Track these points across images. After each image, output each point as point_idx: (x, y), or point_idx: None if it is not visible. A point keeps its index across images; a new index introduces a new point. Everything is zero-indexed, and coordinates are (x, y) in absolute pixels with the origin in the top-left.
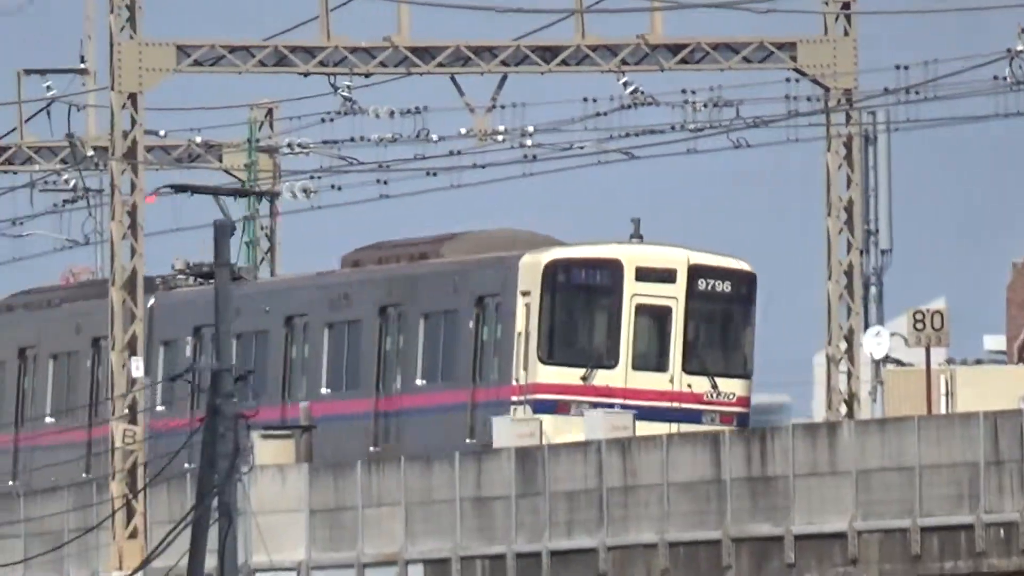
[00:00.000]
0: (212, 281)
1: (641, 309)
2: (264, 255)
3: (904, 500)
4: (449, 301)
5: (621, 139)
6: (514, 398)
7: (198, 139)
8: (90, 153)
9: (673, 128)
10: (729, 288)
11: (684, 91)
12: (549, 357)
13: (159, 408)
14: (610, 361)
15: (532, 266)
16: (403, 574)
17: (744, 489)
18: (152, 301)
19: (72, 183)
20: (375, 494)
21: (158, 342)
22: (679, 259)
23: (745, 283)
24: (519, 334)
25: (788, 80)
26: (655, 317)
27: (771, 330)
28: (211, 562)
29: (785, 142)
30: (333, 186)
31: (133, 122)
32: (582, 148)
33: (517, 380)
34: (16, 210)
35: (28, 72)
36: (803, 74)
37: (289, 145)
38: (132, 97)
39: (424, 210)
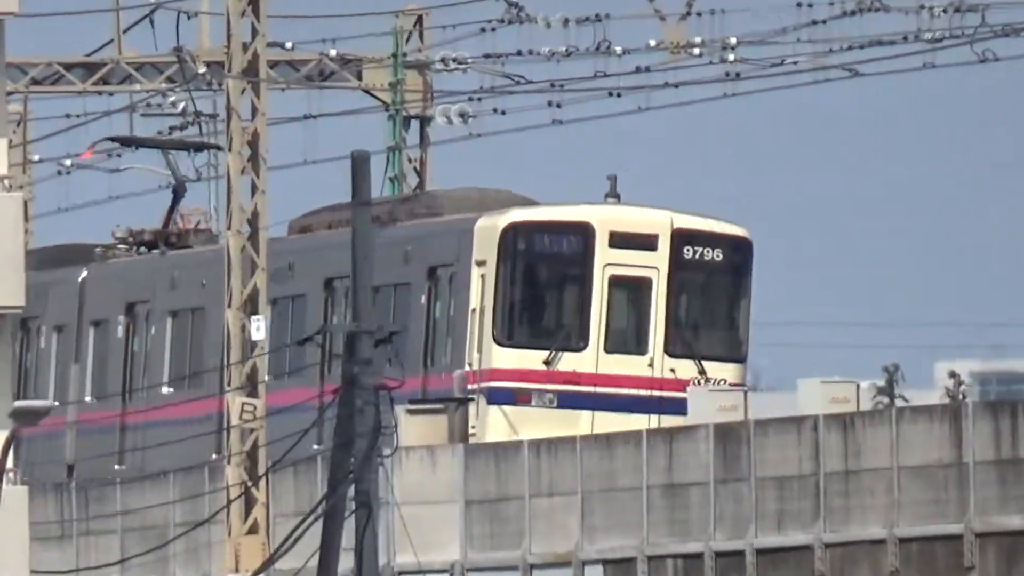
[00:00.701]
0: (155, 251)
1: (616, 281)
2: (413, 192)
3: None
4: (400, 273)
5: (843, 52)
6: (468, 386)
7: (332, 53)
8: (202, 70)
9: (905, 39)
10: (720, 256)
11: None
12: (506, 338)
13: (279, 378)
14: (578, 342)
15: (488, 231)
16: None
17: (991, 474)
18: (84, 274)
19: (180, 106)
20: (545, 481)
21: (88, 321)
22: (661, 222)
23: (740, 250)
24: (473, 311)
25: None
26: (632, 290)
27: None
28: (346, 563)
29: None
30: (495, 110)
31: (254, 32)
32: (795, 64)
33: (470, 365)
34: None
35: None
36: None
37: (443, 60)
38: (253, 2)
39: (604, 138)
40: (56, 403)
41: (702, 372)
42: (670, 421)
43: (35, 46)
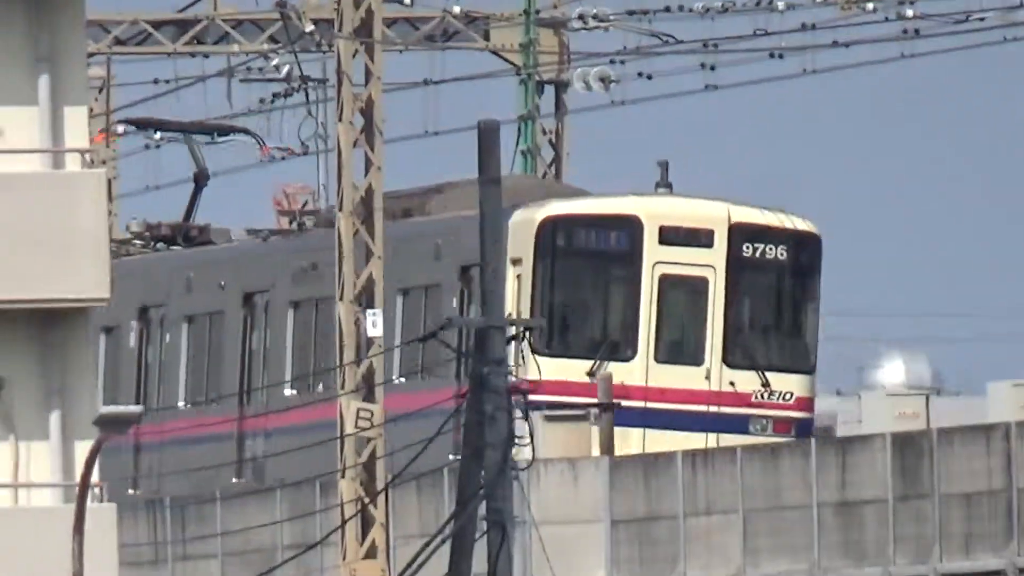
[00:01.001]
0: (175, 247)
1: (667, 281)
2: (547, 168)
3: None
4: (430, 273)
5: None
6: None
7: (456, 9)
8: (309, 29)
9: None
10: (785, 254)
11: None
12: (545, 346)
13: (398, 381)
14: (626, 351)
15: (523, 226)
16: None
17: None
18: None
19: (284, 70)
20: (701, 498)
21: (97, 328)
22: (717, 215)
23: (807, 248)
24: (509, 315)
25: None
26: (686, 292)
27: None
28: None
29: None
30: (641, 74)
31: None
32: (982, 20)
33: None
34: (207, 108)
35: None
36: None
37: (581, 17)
38: None
39: (765, 104)
40: (145, 409)
41: (765, 385)
42: (729, 440)
43: (120, 1)
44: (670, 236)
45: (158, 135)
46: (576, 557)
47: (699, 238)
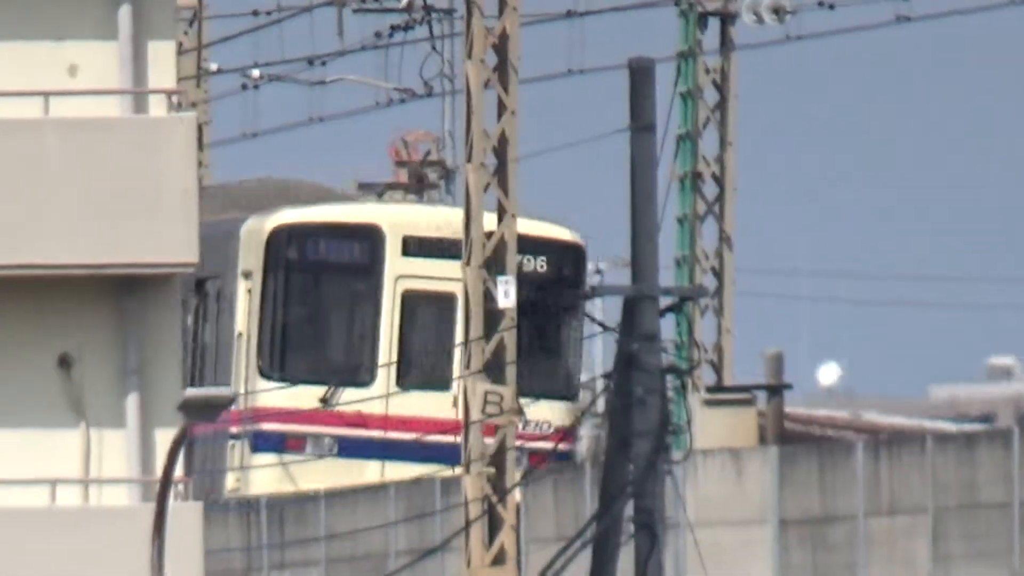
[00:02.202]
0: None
1: (411, 297)
2: (711, 112)
3: None
4: None
5: None
6: (233, 430)
7: None
8: None
9: None
10: (545, 267)
11: None
12: (274, 370)
13: None
14: (364, 376)
15: (254, 235)
16: None
17: None
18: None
19: (403, 0)
20: (884, 495)
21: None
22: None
23: (569, 260)
24: (239, 335)
25: None
26: (433, 309)
27: None
28: None
29: None
30: (822, 3)
31: None
32: None
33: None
34: (315, 44)
35: None
36: None
37: None
38: None
39: (962, 41)
40: (238, 392)
41: (519, 412)
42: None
43: None
44: (415, 247)
45: (256, 73)
46: (739, 564)
47: (447, 249)
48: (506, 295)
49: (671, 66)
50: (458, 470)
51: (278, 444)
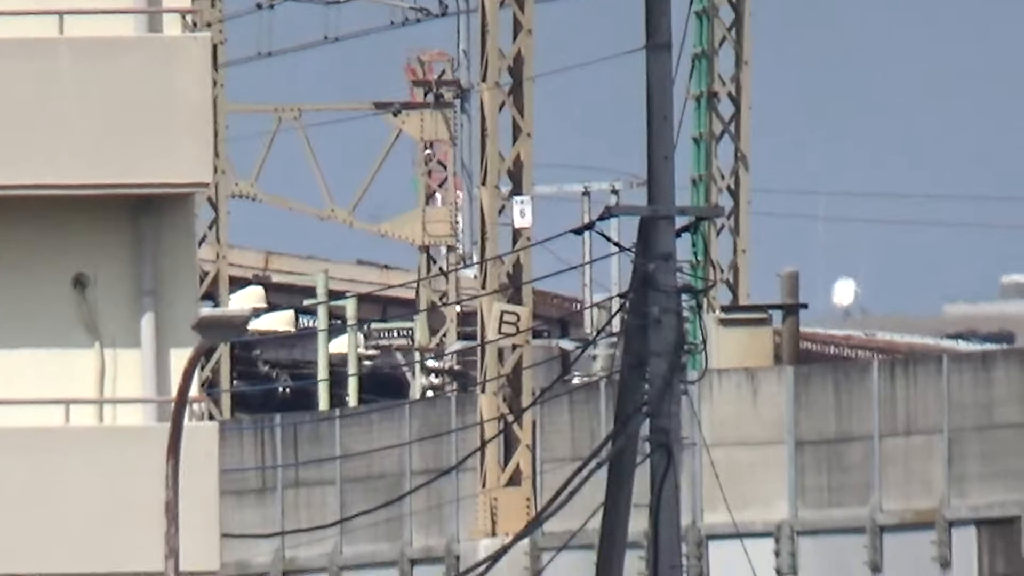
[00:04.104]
0: None
1: None
2: (727, 31)
3: None
4: None
5: None
6: None
7: None
8: None
9: None
10: None
11: None
12: None
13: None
14: None
15: None
16: (946, 541)
17: None
18: None
19: None
20: (900, 415)
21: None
22: None
23: None
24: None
25: None
26: None
27: None
28: (638, 523)
29: None
30: None
31: None
32: None
33: None
34: None
35: None
36: None
37: None
38: None
39: None
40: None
41: None
42: None
43: None
44: None
45: None
46: (754, 484)
47: None
48: (523, 215)
49: None
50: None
51: None
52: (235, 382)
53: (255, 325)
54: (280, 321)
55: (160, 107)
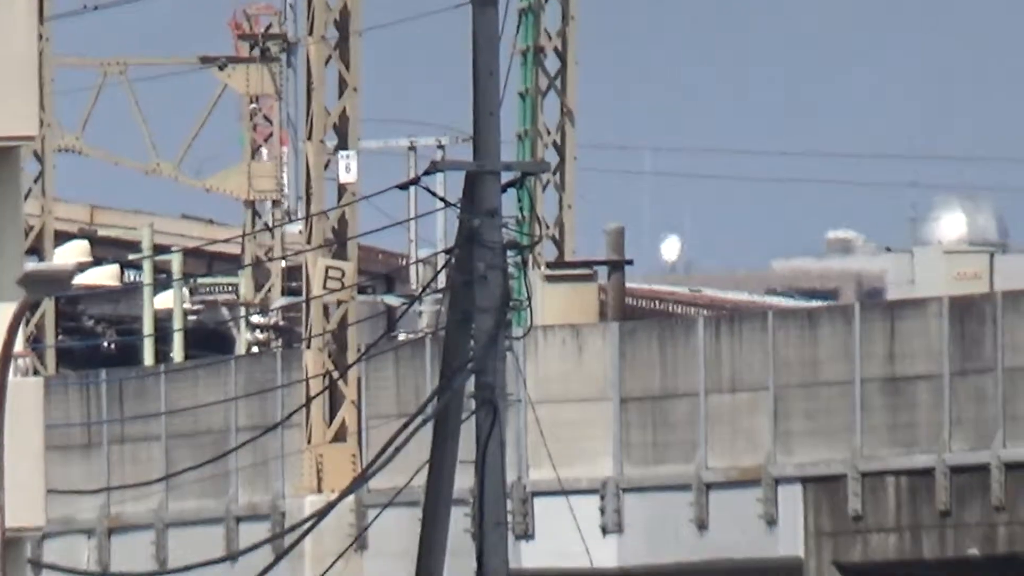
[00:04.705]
0: None
1: None
2: None
3: None
4: None
5: None
6: None
7: None
8: None
9: None
10: None
11: None
12: None
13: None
14: None
15: None
16: (772, 498)
17: None
18: None
19: None
20: (726, 372)
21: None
22: None
23: None
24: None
25: None
26: None
27: None
28: (463, 480)
29: None
30: None
31: None
32: None
33: None
34: None
35: None
36: None
37: None
38: None
39: None
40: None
41: None
42: None
43: None
44: None
45: None
46: (579, 441)
47: None
48: (348, 170)
49: None
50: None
51: None
52: (60, 337)
53: (80, 280)
54: (105, 275)
55: None
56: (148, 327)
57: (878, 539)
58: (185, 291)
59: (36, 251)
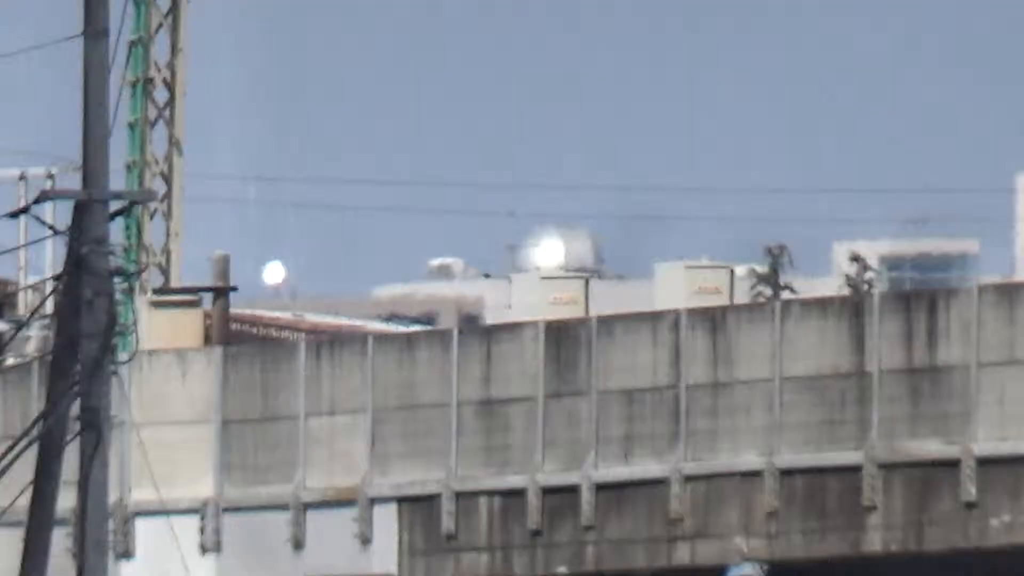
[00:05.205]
0: None
1: None
2: (163, 18)
3: None
4: None
5: None
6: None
7: None
8: None
9: None
10: None
11: None
12: None
13: None
14: None
15: None
16: (367, 518)
17: (901, 386)
18: None
19: None
20: (325, 395)
21: None
22: None
23: None
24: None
25: None
26: None
27: (957, 141)
28: (67, 500)
29: None
30: None
31: None
32: None
33: None
34: None
35: None
36: None
37: None
38: None
39: None
40: None
41: None
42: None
43: None
44: None
45: None
46: (181, 463)
47: None
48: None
49: None
50: None
51: None
52: None
53: None
54: None
55: None
56: None
57: (470, 558)
58: None
59: None
